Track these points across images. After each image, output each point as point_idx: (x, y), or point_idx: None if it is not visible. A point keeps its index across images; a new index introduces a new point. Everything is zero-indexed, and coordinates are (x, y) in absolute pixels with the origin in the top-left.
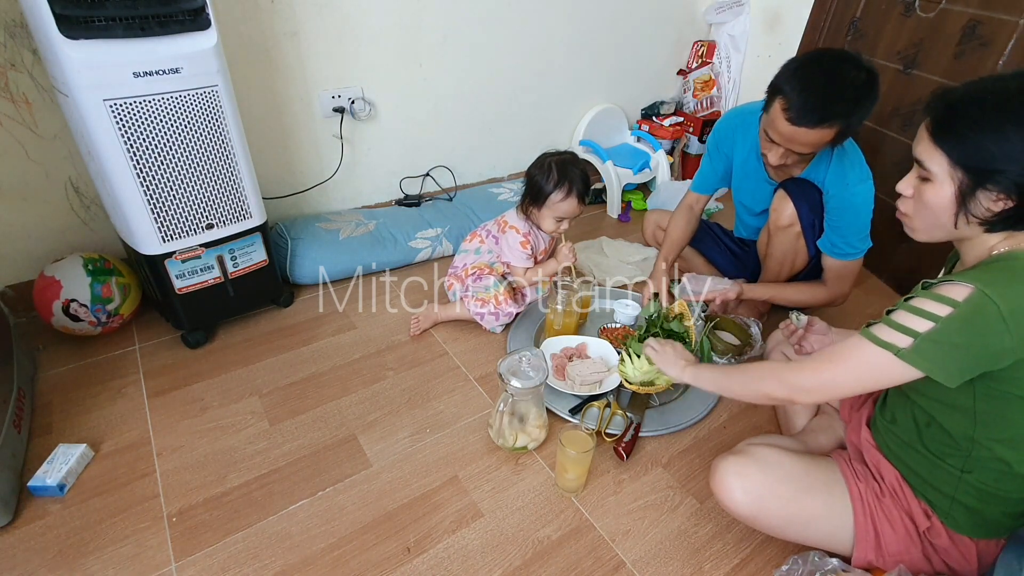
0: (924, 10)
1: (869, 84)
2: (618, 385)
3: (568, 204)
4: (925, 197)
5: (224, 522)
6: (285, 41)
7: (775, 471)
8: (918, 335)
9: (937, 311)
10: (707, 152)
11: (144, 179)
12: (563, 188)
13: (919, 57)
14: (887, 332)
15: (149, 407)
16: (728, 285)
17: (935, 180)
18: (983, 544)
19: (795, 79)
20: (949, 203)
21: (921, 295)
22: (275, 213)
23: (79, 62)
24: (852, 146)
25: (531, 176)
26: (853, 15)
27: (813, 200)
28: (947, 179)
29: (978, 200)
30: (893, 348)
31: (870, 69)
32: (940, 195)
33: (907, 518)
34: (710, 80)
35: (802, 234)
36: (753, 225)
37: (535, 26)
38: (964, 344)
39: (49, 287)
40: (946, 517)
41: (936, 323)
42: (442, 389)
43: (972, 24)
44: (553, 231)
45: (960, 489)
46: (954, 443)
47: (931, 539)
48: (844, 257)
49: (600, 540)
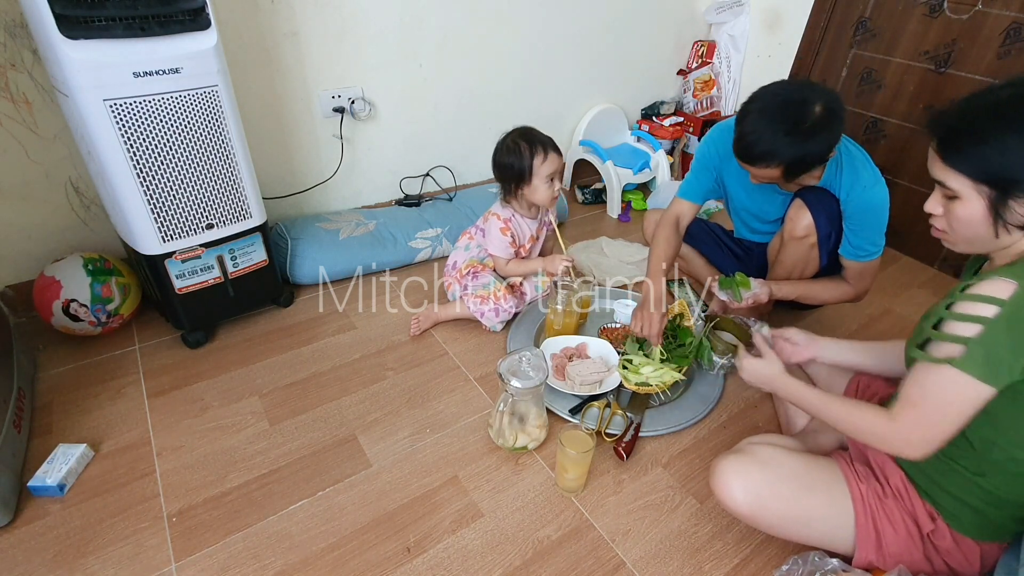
0: (955, 12)
1: (821, 122)
2: (618, 385)
3: (550, 162)
4: (957, 214)
5: (224, 522)
6: (285, 41)
7: (775, 470)
8: (968, 341)
9: (982, 312)
10: (696, 164)
11: (144, 179)
12: (539, 151)
13: (953, 57)
14: (940, 347)
15: (149, 407)
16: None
17: (962, 197)
18: (987, 547)
19: (745, 117)
20: (983, 217)
21: (960, 298)
22: (275, 213)
23: (79, 62)
24: (859, 150)
25: (502, 164)
26: (861, 15)
27: (831, 211)
28: (974, 195)
29: (1012, 209)
30: (951, 361)
31: (829, 105)
32: (972, 210)
33: (910, 520)
34: (710, 80)
35: (817, 245)
36: (767, 231)
37: (535, 26)
38: (1016, 342)
39: (49, 287)
40: (952, 519)
41: (984, 324)
42: (442, 389)
43: (1015, 27)
44: (549, 196)
45: (970, 492)
46: (969, 445)
47: (935, 541)
48: (868, 258)
49: (600, 540)
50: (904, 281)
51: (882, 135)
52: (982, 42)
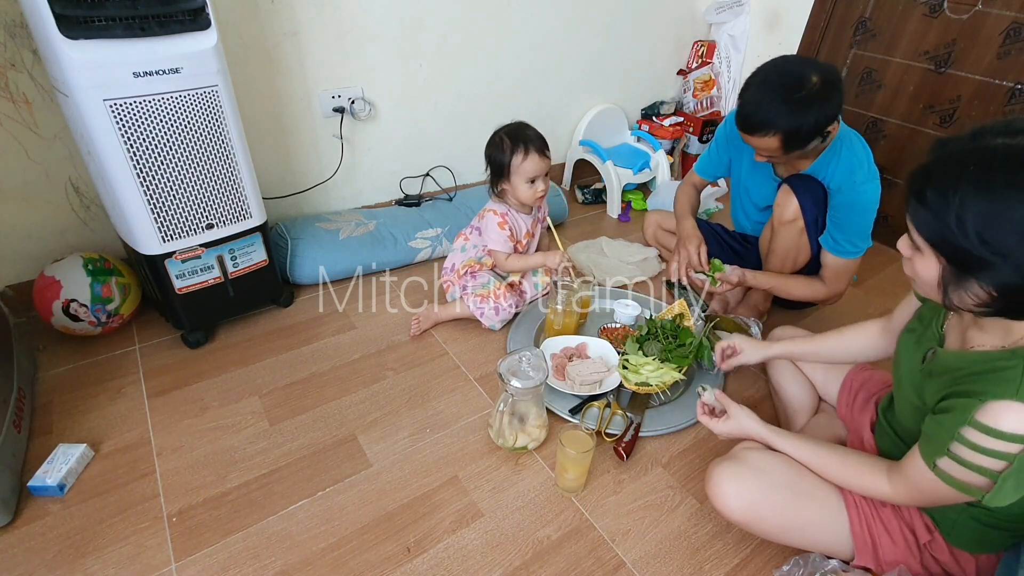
0: (955, 12)
1: (818, 93)
2: (618, 385)
3: (531, 162)
4: (916, 266)
5: (224, 522)
6: (285, 41)
7: (769, 477)
8: (995, 475)
9: (1005, 449)
10: (715, 140)
11: (144, 179)
12: (520, 150)
13: (954, 57)
14: (959, 471)
15: (149, 407)
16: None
17: (923, 252)
18: (983, 558)
19: (745, 89)
20: (935, 281)
21: (973, 426)
22: (275, 213)
23: (79, 62)
24: (862, 144)
25: (489, 156)
26: (861, 15)
27: (817, 196)
28: (932, 256)
29: (961, 292)
30: (975, 493)
31: (826, 77)
32: (927, 270)
33: (907, 530)
34: (710, 80)
35: (805, 230)
36: (757, 220)
37: (535, 26)
38: None
39: (49, 287)
40: (948, 534)
41: (1009, 461)
42: (442, 389)
43: (1015, 27)
44: (531, 197)
45: (966, 513)
46: None
47: (932, 553)
48: (845, 255)
49: (600, 540)
50: (904, 281)
51: (882, 135)
52: (982, 42)
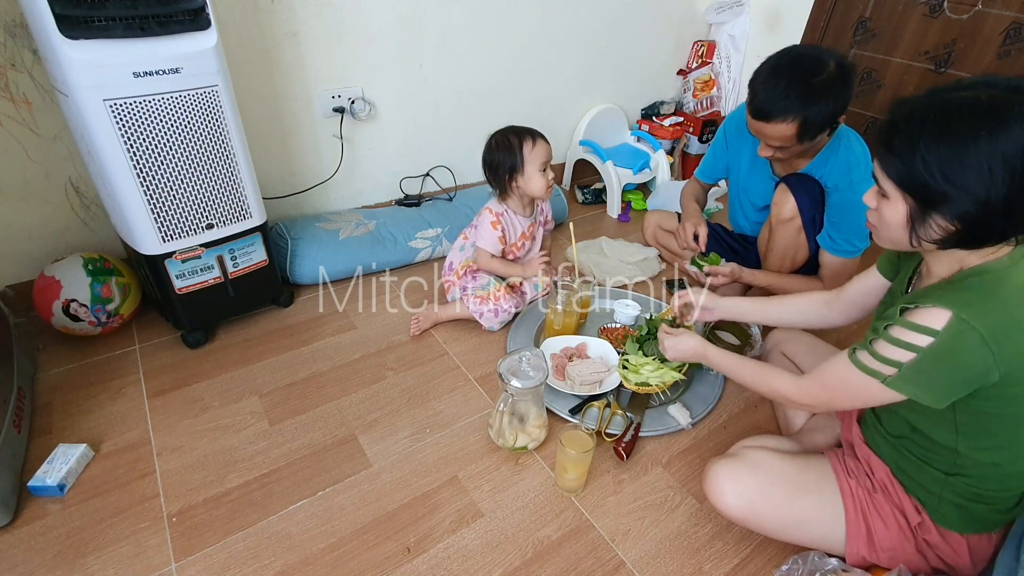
0: (955, 11)
1: (835, 79)
2: (618, 385)
3: (540, 149)
4: (882, 213)
5: (224, 522)
6: (285, 41)
7: (766, 474)
8: (901, 365)
9: (917, 341)
10: (714, 143)
11: (144, 179)
12: (528, 139)
13: (953, 57)
14: (872, 361)
15: (149, 407)
16: None
17: (890, 198)
18: (974, 539)
19: (759, 76)
20: (902, 222)
21: (899, 323)
22: (275, 213)
23: (79, 62)
24: (860, 143)
25: (494, 161)
26: (861, 15)
27: (814, 194)
28: (899, 198)
29: (929, 225)
30: (879, 376)
31: (841, 64)
32: (894, 213)
33: (899, 513)
34: (710, 80)
35: (803, 228)
36: (755, 220)
37: (535, 26)
38: (948, 371)
39: (49, 287)
40: (935, 514)
41: (917, 353)
42: (442, 389)
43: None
44: (544, 185)
45: (947, 488)
46: (938, 448)
47: (923, 535)
48: (842, 254)
49: (600, 540)
50: None
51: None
52: (982, 42)
